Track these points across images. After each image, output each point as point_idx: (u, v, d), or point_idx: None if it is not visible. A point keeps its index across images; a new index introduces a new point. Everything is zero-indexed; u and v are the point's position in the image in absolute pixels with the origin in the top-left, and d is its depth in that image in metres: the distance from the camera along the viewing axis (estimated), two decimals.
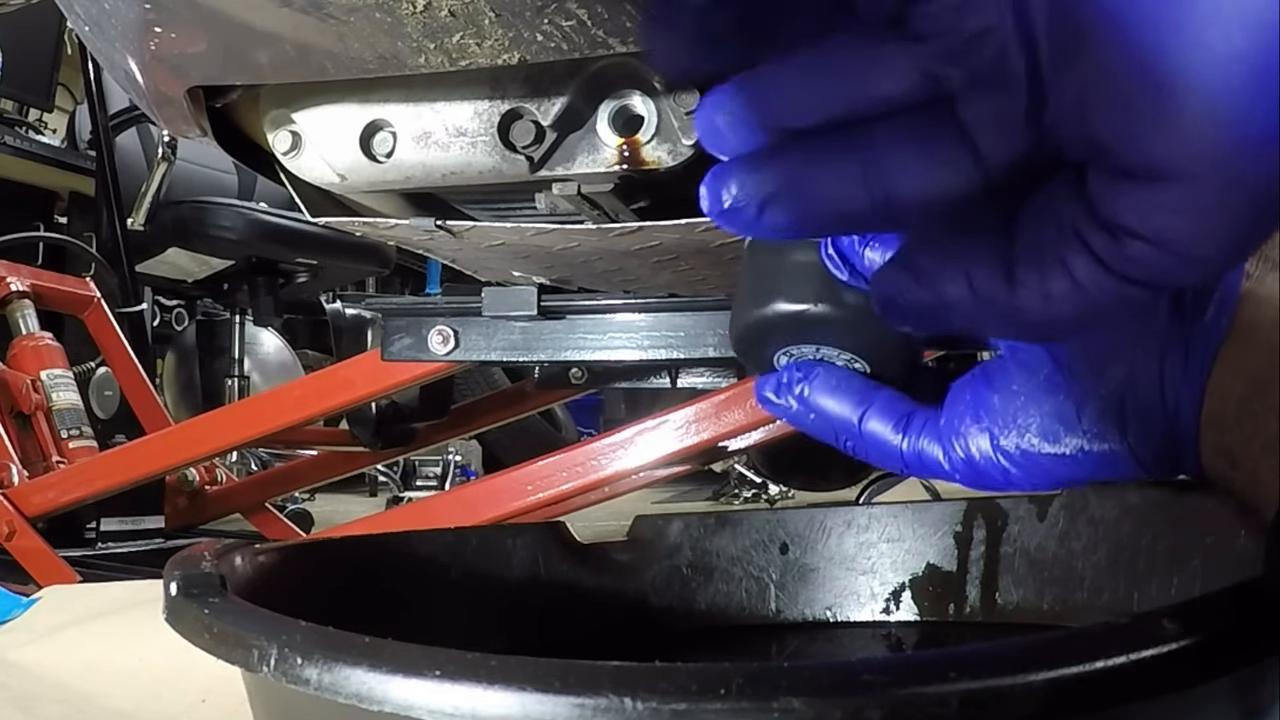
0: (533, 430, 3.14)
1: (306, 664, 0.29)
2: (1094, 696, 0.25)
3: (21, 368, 1.73)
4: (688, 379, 1.43)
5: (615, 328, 1.05)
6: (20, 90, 2.89)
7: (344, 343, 1.42)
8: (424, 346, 1.10)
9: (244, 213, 2.38)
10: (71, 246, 2.37)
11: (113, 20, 0.56)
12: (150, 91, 0.63)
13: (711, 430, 1.17)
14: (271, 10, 0.50)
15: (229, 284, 2.62)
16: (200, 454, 1.47)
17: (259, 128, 0.66)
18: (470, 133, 0.61)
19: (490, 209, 0.75)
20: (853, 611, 0.70)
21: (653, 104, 0.58)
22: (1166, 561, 0.57)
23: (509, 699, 0.26)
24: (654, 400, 1.99)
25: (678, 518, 0.75)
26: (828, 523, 0.71)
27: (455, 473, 3.58)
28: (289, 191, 0.70)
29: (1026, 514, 0.67)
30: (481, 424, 1.84)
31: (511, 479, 1.24)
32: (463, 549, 0.67)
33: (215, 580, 0.41)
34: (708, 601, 0.72)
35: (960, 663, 0.24)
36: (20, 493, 1.46)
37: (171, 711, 0.75)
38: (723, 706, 0.24)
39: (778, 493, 2.90)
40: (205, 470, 1.94)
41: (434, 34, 0.50)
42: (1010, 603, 0.65)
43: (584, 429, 3.78)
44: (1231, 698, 0.29)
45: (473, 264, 0.86)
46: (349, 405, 1.38)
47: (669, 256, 0.75)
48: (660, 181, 0.61)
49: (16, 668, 0.85)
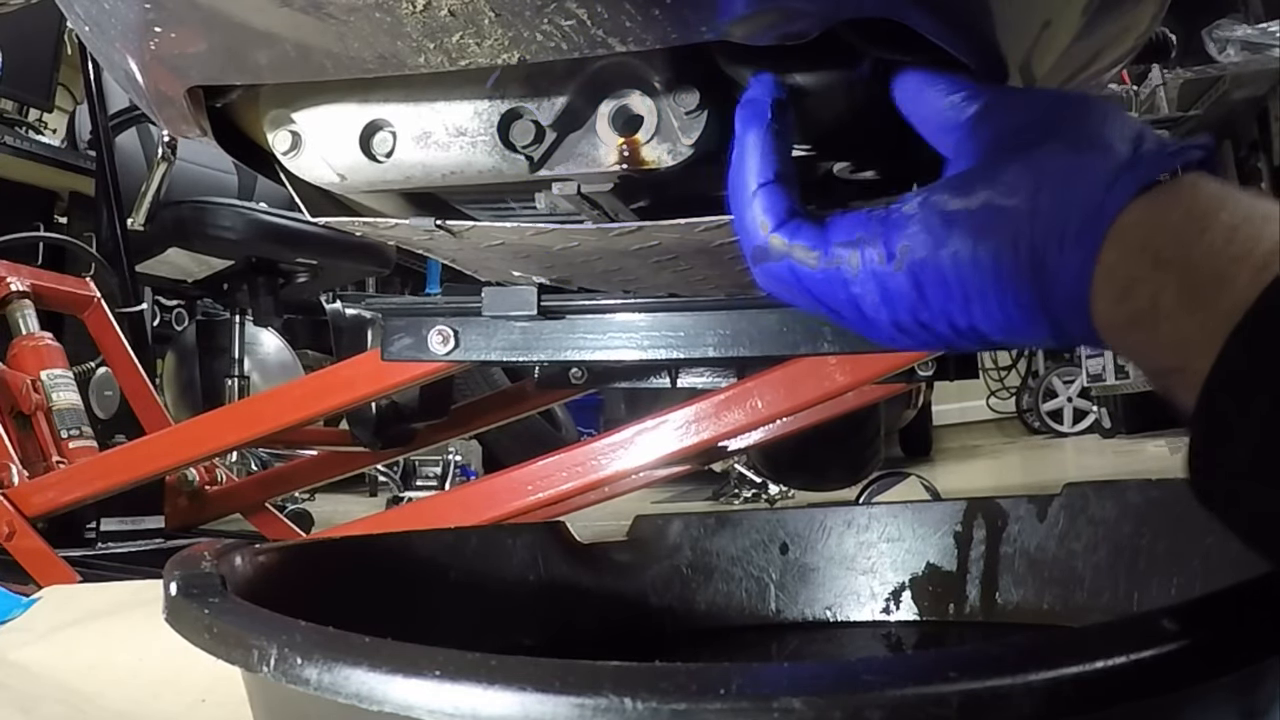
0: (533, 430, 3.14)
1: (306, 664, 0.29)
2: (1094, 696, 0.25)
3: (21, 368, 1.73)
4: (688, 379, 1.43)
5: (615, 328, 1.05)
6: (20, 90, 2.89)
7: (344, 343, 1.42)
8: (424, 346, 1.10)
9: (244, 213, 2.38)
10: (71, 246, 2.37)
11: (113, 20, 0.56)
12: (150, 91, 0.63)
13: (711, 430, 1.17)
14: (271, 10, 0.50)
15: (229, 284, 2.62)
16: (200, 454, 1.47)
17: (259, 128, 0.66)
18: (470, 132, 0.61)
19: (490, 209, 0.75)
20: (853, 611, 0.70)
21: (652, 104, 0.58)
22: (1166, 561, 0.57)
23: (509, 699, 0.26)
24: (654, 400, 1.99)
25: (678, 518, 0.75)
26: (828, 523, 0.71)
27: (455, 473, 3.58)
28: (289, 191, 0.70)
29: (1026, 514, 0.67)
30: (481, 424, 1.84)
31: (511, 479, 1.24)
32: (463, 549, 0.68)
33: (215, 580, 0.41)
34: (708, 601, 0.72)
35: (960, 663, 0.24)
36: (20, 493, 1.46)
37: (171, 711, 0.75)
38: (723, 706, 0.24)
39: (778, 493, 2.90)
40: (205, 470, 1.94)
41: (434, 34, 0.50)
42: (1010, 603, 0.66)
43: (584, 429, 3.78)
44: (1231, 698, 0.29)
45: (473, 264, 0.86)
46: (349, 405, 1.38)
47: (669, 256, 0.75)
48: (660, 181, 0.61)
49: (16, 668, 0.85)
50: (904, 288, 0.44)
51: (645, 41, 0.49)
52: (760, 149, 0.49)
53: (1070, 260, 0.41)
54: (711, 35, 0.48)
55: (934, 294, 0.44)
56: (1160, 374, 0.39)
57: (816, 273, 0.46)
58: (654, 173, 0.59)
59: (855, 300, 0.46)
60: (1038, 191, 0.42)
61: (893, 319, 0.45)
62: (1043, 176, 0.42)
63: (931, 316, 0.44)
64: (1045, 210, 0.42)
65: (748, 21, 0.47)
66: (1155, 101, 3.42)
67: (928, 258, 0.43)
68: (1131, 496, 0.61)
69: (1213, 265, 0.36)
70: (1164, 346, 0.38)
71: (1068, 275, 0.41)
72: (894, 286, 0.44)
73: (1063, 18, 0.58)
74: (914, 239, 0.44)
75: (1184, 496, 0.56)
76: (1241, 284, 0.35)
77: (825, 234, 0.46)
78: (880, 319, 0.45)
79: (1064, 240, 0.41)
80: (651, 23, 0.47)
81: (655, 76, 0.58)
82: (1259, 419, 0.33)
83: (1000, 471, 4.04)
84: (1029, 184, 0.42)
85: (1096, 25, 0.62)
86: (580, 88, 0.59)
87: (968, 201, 0.43)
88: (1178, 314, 0.37)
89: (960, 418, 5.98)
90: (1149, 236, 0.39)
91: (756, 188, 0.48)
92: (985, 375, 5.54)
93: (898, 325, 0.45)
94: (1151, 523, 0.59)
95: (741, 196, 0.49)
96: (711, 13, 0.47)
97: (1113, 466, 3.62)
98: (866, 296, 0.45)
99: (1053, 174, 0.42)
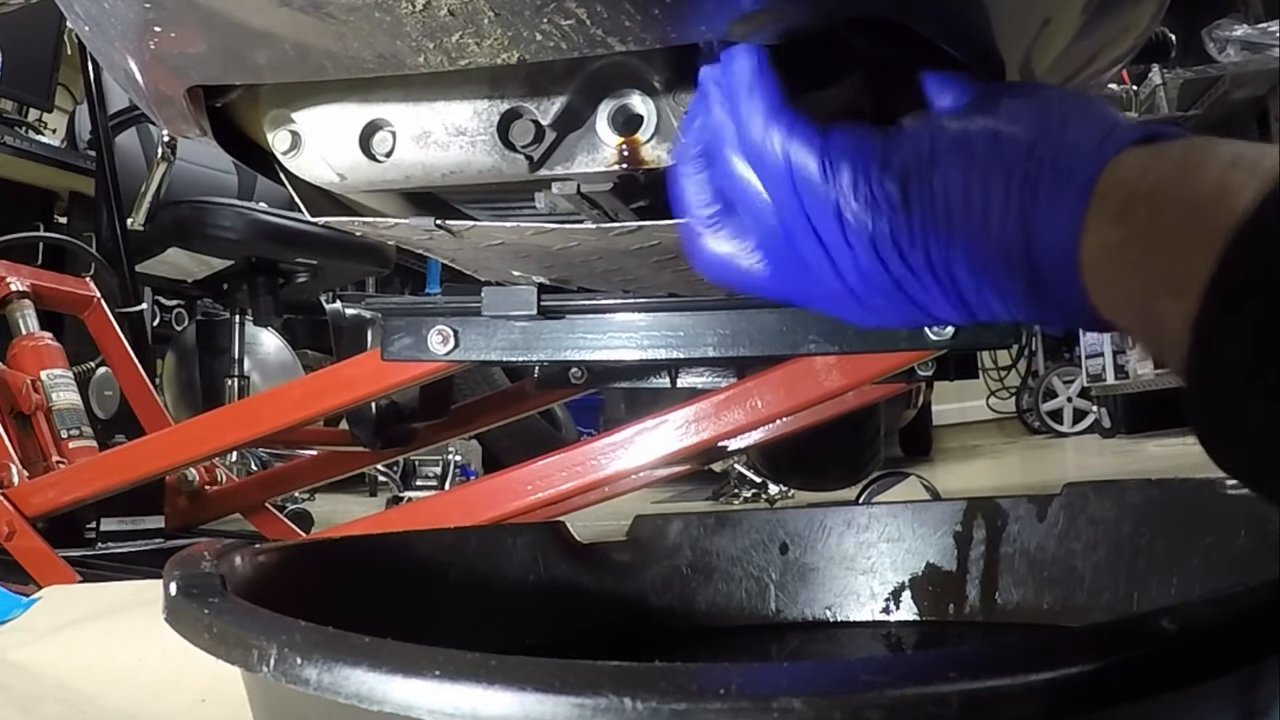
0: (533, 430, 3.14)
1: (306, 664, 0.29)
2: (1094, 696, 0.25)
3: (21, 368, 1.73)
4: (688, 379, 1.43)
5: (615, 328, 1.05)
6: (20, 90, 2.89)
7: (344, 343, 1.42)
8: (424, 346, 1.10)
9: (244, 213, 2.38)
10: (71, 246, 2.37)
11: (113, 20, 0.56)
12: (150, 91, 0.63)
13: (711, 430, 1.17)
14: (271, 10, 0.50)
15: (229, 284, 2.62)
16: (200, 454, 1.47)
17: (259, 127, 0.66)
18: (470, 132, 0.61)
19: (490, 208, 0.75)
20: (853, 611, 0.70)
21: (652, 103, 0.58)
22: (1166, 561, 0.57)
23: (509, 699, 0.26)
24: (654, 400, 1.99)
25: (678, 518, 0.75)
26: (828, 522, 0.71)
27: (455, 473, 3.58)
28: (289, 191, 0.70)
29: (1026, 514, 0.67)
30: (481, 424, 1.84)
31: (511, 479, 1.24)
32: (463, 549, 0.68)
33: (215, 580, 0.41)
34: (708, 601, 0.72)
35: (960, 663, 0.24)
36: (20, 493, 1.46)
37: (171, 711, 0.75)
38: (723, 706, 0.24)
39: (778, 493, 2.89)
40: (205, 470, 1.93)
41: (433, 33, 0.50)
42: (1010, 603, 0.66)
43: (584, 429, 3.78)
44: (1231, 698, 0.29)
45: (473, 264, 0.86)
46: (349, 405, 1.38)
47: (669, 256, 0.75)
48: (660, 181, 0.61)
49: (16, 668, 0.85)
50: (892, 198, 0.43)
51: (645, 41, 0.49)
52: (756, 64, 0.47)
53: (1066, 185, 0.40)
54: (712, 35, 0.48)
55: (919, 217, 0.43)
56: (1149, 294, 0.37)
57: (813, 177, 0.45)
58: (654, 172, 0.59)
59: (839, 214, 0.44)
60: (1041, 124, 0.42)
61: (874, 234, 0.44)
62: (1047, 112, 0.42)
63: (911, 243, 0.43)
64: (1046, 141, 0.41)
65: (748, 21, 0.47)
66: (1155, 101, 3.42)
67: (919, 178, 0.43)
68: (1131, 496, 0.61)
69: (1215, 178, 0.36)
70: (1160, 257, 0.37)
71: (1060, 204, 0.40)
72: (884, 203, 0.43)
73: (1062, 17, 0.58)
74: (909, 157, 0.43)
75: (1184, 496, 0.56)
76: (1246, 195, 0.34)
77: (826, 138, 0.45)
78: (861, 236, 0.44)
79: (1061, 167, 0.41)
80: (651, 22, 0.47)
81: (655, 76, 0.58)
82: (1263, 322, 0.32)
83: (1000, 471, 4.04)
84: (1032, 117, 0.42)
85: (1096, 24, 0.62)
86: (580, 87, 0.59)
87: (966, 125, 0.43)
88: (1178, 223, 0.36)
89: (960, 418, 5.98)
90: (1149, 165, 0.39)
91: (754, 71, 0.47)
92: (985, 375, 5.54)
93: (875, 245, 0.44)
94: (1151, 523, 0.59)
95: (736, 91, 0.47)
96: (711, 12, 0.47)
97: (1113, 466, 3.61)
98: (854, 214, 0.44)
99: (1057, 111, 0.42)
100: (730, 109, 0.48)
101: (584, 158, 0.60)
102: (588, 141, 0.60)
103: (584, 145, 0.60)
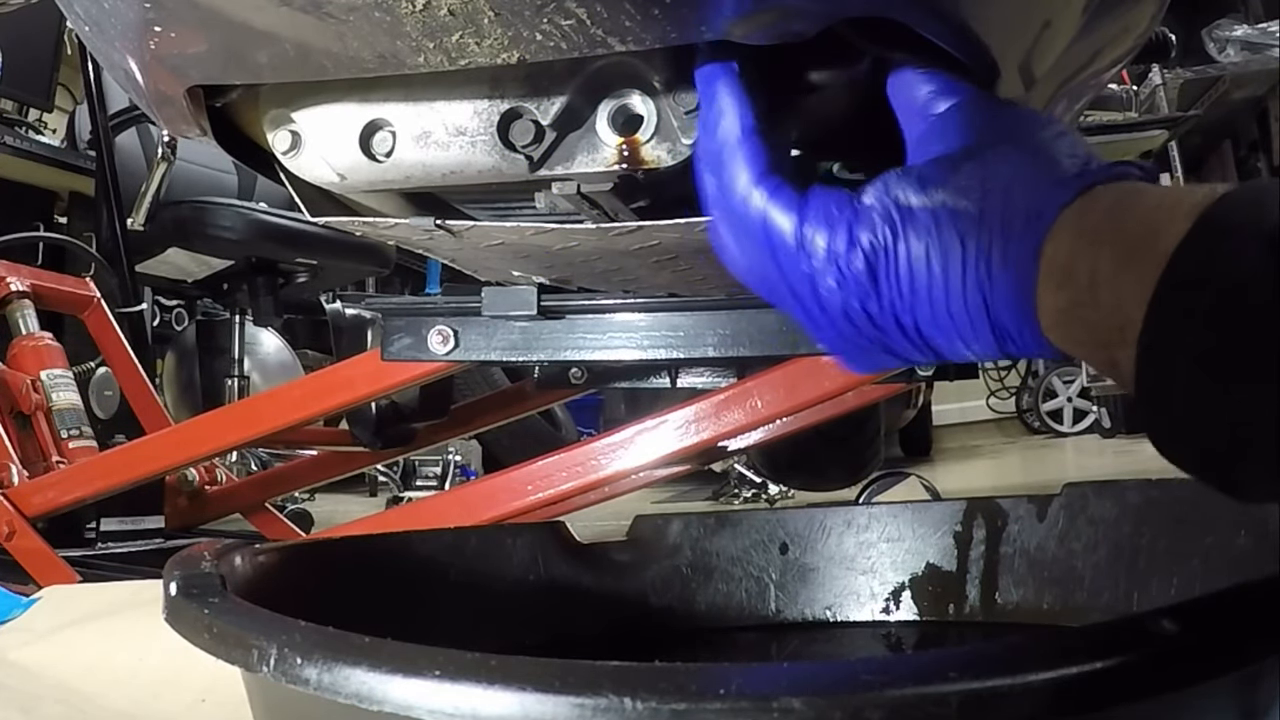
0: (533, 430, 3.14)
1: (306, 664, 0.29)
2: (1094, 696, 0.25)
3: (21, 368, 1.73)
4: (688, 379, 1.43)
5: (615, 328, 1.05)
6: (20, 90, 2.88)
7: (344, 343, 1.42)
8: (424, 346, 1.10)
9: (244, 213, 2.38)
10: (71, 246, 2.37)
11: (113, 20, 0.56)
12: (150, 91, 0.63)
13: (711, 430, 1.17)
14: (271, 10, 0.50)
15: (229, 284, 2.62)
16: (200, 454, 1.47)
17: (259, 127, 0.66)
18: (470, 132, 0.61)
19: (490, 209, 0.75)
20: (853, 611, 0.70)
21: (652, 103, 0.58)
22: (1166, 561, 0.57)
23: (509, 699, 0.26)
24: (654, 400, 1.99)
25: (678, 518, 0.75)
26: (828, 523, 0.71)
27: (455, 473, 3.58)
28: (289, 191, 0.70)
29: (1026, 514, 0.67)
30: (481, 424, 1.84)
31: (511, 479, 1.24)
32: (463, 549, 0.68)
33: (215, 580, 0.41)
34: (708, 602, 0.72)
35: (960, 663, 0.24)
36: (20, 493, 1.46)
37: (171, 711, 0.75)
38: (723, 706, 0.24)
39: (778, 493, 2.89)
40: (205, 470, 1.93)
41: (433, 33, 0.50)
42: (1010, 603, 0.66)
43: (584, 429, 3.78)
44: (1231, 698, 0.29)
45: (473, 264, 0.86)
46: (349, 405, 1.38)
47: (668, 256, 0.75)
48: (660, 181, 0.61)
49: (16, 668, 0.85)
50: (860, 276, 0.45)
51: (645, 41, 0.49)
52: (736, 97, 0.49)
53: (1013, 257, 0.42)
54: (711, 35, 0.48)
55: (886, 287, 0.45)
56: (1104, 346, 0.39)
57: (790, 240, 0.47)
58: (654, 172, 0.59)
59: (813, 279, 0.46)
60: (986, 194, 0.43)
61: (844, 306, 0.46)
62: (992, 178, 0.43)
63: (880, 310, 0.45)
64: (991, 211, 0.43)
65: (748, 21, 0.47)
66: (1155, 101, 3.42)
67: (885, 254, 0.45)
68: (1131, 496, 0.61)
69: (1145, 223, 0.38)
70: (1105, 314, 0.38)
71: (1011, 275, 0.42)
72: (851, 273, 0.45)
73: (1062, 17, 0.58)
74: (875, 234, 0.45)
75: (1184, 496, 0.56)
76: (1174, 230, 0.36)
77: (804, 205, 0.47)
78: (833, 304, 0.46)
79: (1008, 239, 0.42)
80: (651, 22, 0.47)
81: (655, 76, 0.58)
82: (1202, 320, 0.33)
83: (1000, 471, 4.04)
84: (978, 185, 0.43)
85: (1096, 25, 0.62)
86: (580, 87, 0.59)
87: (926, 199, 0.44)
88: (1115, 276, 0.38)
89: (960, 418, 5.98)
90: (1083, 221, 0.40)
91: (740, 136, 0.49)
92: (985, 375, 5.54)
93: (848, 314, 0.46)
94: (1151, 523, 0.59)
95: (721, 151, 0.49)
96: (711, 12, 0.47)
97: (1113, 466, 3.61)
98: (824, 278, 0.46)
99: (1000, 176, 0.43)
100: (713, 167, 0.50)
101: (584, 158, 0.60)
102: (588, 141, 0.60)
103: (584, 145, 0.60)
